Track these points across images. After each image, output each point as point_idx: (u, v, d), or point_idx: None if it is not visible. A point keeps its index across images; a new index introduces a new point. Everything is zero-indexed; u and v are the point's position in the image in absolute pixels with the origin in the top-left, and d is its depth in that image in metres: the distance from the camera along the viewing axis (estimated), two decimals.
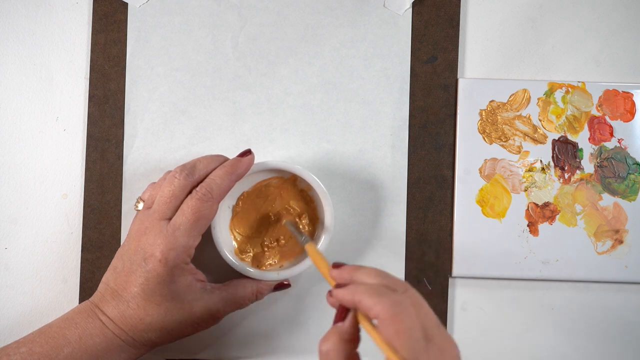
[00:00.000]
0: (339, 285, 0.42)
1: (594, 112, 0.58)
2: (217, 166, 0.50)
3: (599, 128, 0.58)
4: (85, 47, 0.58)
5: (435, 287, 0.58)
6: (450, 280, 0.58)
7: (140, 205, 0.51)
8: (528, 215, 0.58)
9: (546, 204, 0.58)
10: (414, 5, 0.58)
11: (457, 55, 0.58)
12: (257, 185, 0.54)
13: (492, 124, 0.58)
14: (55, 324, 0.49)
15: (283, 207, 0.54)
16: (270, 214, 0.54)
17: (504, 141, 0.58)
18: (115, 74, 0.57)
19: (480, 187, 0.58)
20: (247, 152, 0.51)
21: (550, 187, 0.58)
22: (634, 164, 0.58)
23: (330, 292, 0.43)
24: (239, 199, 0.54)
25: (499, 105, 0.58)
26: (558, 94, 0.58)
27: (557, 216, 0.58)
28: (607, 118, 0.58)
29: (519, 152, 0.58)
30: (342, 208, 0.57)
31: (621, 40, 0.59)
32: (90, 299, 0.50)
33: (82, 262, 0.57)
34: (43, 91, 0.58)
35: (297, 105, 0.58)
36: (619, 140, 0.58)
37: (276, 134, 0.58)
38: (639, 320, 0.58)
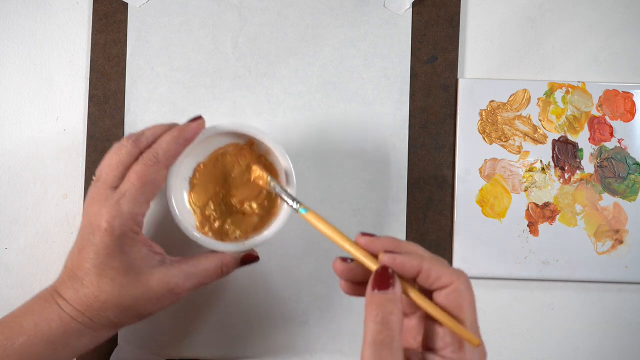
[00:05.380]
0: (387, 251, 0.40)
1: (594, 112, 0.58)
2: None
3: (599, 128, 0.58)
4: (85, 47, 0.58)
5: None
6: None
7: None
8: (528, 215, 0.58)
9: (546, 204, 0.58)
10: (414, 5, 0.58)
11: (457, 55, 0.58)
12: (212, 154, 0.51)
13: (492, 124, 0.58)
14: (14, 313, 0.47)
15: (241, 172, 0.51)
16: (229, 187, 0.52)
17: (504, 141, 0.58)
18: (115, 74, 0.57)
19: (480, 187, 0.58)
20: (197, 118, 0.49)
21: (550, 187, 0.58)
22: (634, 164, 0.58)
23: (340, 258, 0.42)
24: (195, 170, 0.51)
25: (499, 105, 0.58)
26: (558, 94, 0.58)
27: (557, 216, 0.58)
28: (607, 118, 0.58)
29: (519, 152, 0.58)
30: (342, 208, 0.57)
31: (621, 40, 0.59)
32: (52, 284, 0.48)
33: None
34: (43, 91, 0.58)
35: (297, 105, 0.58)
36: (619, 140, 0.58)
37: (276, 134, 0.58)
38: (639, 321, 0.58)
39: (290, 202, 0.47)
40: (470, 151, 0.58)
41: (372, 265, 0.41)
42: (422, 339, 0.41)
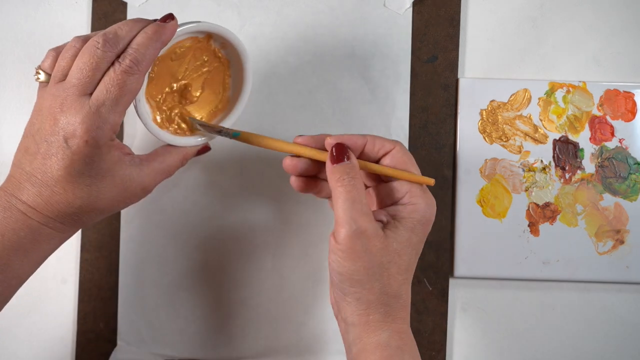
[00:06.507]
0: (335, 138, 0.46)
1: (595, 111, 0.58)
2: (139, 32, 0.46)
3: (599, 128, 0.58)
4: None
5: (435, 287, 0.58)
6: (450, 280, 0.58)
7: (42, 76, 0.46)
8: (529, 215, 0.57)
9: (547, 204, 0.57)
10: (414, 4, 0.58)
11: (457, 54, 0.58)
12: (170, 48, 0.49)
13: (493, 124, 0.58)
14: None
15: (196, 65, 0.51)
16: (184, 80, 0.51)
17: (505, 141, 0.58)
18: None
19: (480, 187, 0.58)
20: (170, 17, 0.46)
21: (551, 187, 0.58)
22: (635, 163, 0.58)
23: (289, 156, 0.48)
24: (153, 64, 0.49)
25: (499, 105, 0.58)
26: (559, 94, 0.58)
27: (558, 216, 0.57)
28: (608, 118, 0.58)
29: (520, 152, 0.58)
30: None
31: (622, 39, 0.59)
32: (2, 187, 0.45)
33: (81, 262, 0.57)
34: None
35: (297, 105, 0.58)
36: (620, 140, 0.58)
37: (276, 134, 0.58)
38: (639, 321, 0.58)
39: (221, 133, 0.49)
40: (471, 151, 0.57)
41: (318, 154, 0.46)
42: (377, 203, 0.48)
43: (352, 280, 0.44)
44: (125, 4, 0.57)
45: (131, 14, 0.57)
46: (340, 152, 0.45)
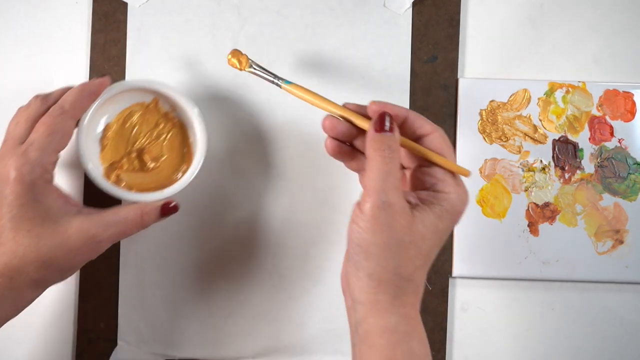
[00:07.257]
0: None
1: (595, 112, 0.58)
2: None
3: (599, 128, 0.58)
4: (85, 46, 0.58)
5: (435, 287, 0.58)
6: (450, 280, 0.58)
7: None
8: (528, 215, 0.57)
9: (546, 204, 0.58)
10: (414, 4, 0.58)
11: (457, 55, 0.58)
12: (119, 114, 0.53)
13: (493, 124, 0.58)
14: None
15: (151, 131, 0.53)
16: (142, 146, 0.53)
17: (504, 141, 0.58)
18: (115, 74, 0.57)
19: (480, 187, 0.58)
20: (102, 77, 0.50)
21: (550, 187, 0.58)
22: (634, 164, 0.58)
23: (329, 116, 0.47)
24: (104, 131, 0.53)
25: (499, 105, 0.58)
26: (558, 94, 0.58)
27: (558, 216, 0.57)
28: (607, 118, 0.58)
29: (519, 152, 0.58)
30: (343, 209, 0.57)
31: (621, 39, 0.59)
32: None
33: None
34: (42, 91, 0.58)
35: (297, 105, 0.58)
36: (619, 140, 0.58)
37: (276, 132, 0.58)
38: (639, 320, 0.58)
39: (272, 79, 0.50)
40: (471, 151, 0.58)
41: (362, 122, 0.45)
42: (408, 186, 0.47)
43: (368, 253, 0.42)
44: (125, 4, 0.57)
45: (131, 14, 0.57)
46: (384, 122, 0.44)
